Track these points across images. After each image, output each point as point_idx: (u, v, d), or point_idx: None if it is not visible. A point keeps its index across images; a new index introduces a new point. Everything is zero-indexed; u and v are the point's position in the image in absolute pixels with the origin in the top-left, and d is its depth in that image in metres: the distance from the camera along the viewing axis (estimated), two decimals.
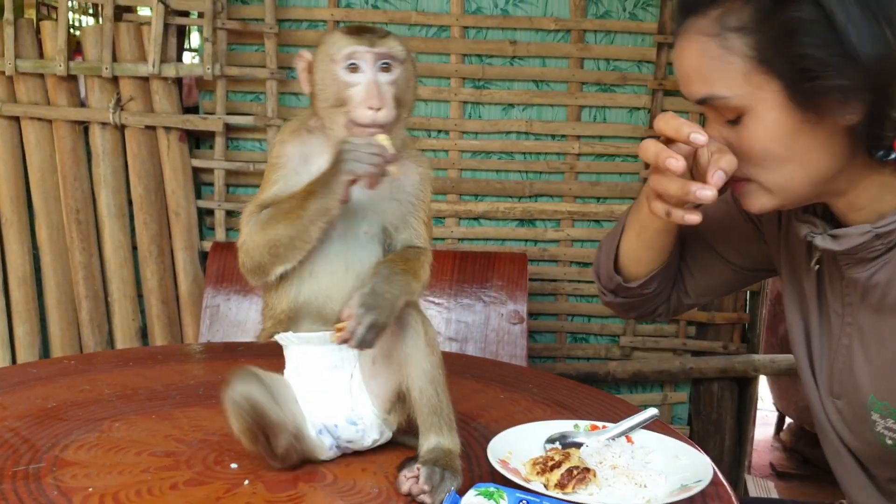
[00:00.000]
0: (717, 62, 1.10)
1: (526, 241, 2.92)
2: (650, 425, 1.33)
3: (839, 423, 1.30)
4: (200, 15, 2.69)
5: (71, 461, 1.25)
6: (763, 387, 3.96)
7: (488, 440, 1.27)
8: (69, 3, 2.62)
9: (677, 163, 1.11)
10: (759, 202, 1.18)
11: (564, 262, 2.93)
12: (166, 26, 2.65)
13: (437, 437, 1.18)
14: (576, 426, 1.33)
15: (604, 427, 1.33)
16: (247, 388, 1.13)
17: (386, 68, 1.15)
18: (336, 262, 1.19)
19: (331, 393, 1.23)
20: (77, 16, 5.56)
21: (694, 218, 1.15)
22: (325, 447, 1.23)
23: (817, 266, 1.26)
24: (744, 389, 3.09)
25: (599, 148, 2.88)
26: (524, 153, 2.87)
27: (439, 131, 2.85)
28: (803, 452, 3.89)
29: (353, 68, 1.15)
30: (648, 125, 2.87)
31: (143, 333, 2.85)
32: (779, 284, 1.46)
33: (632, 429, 1.31)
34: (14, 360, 2.79)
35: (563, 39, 2.83)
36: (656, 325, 3.00)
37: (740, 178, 1.16)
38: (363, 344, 1.09)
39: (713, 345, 3.00)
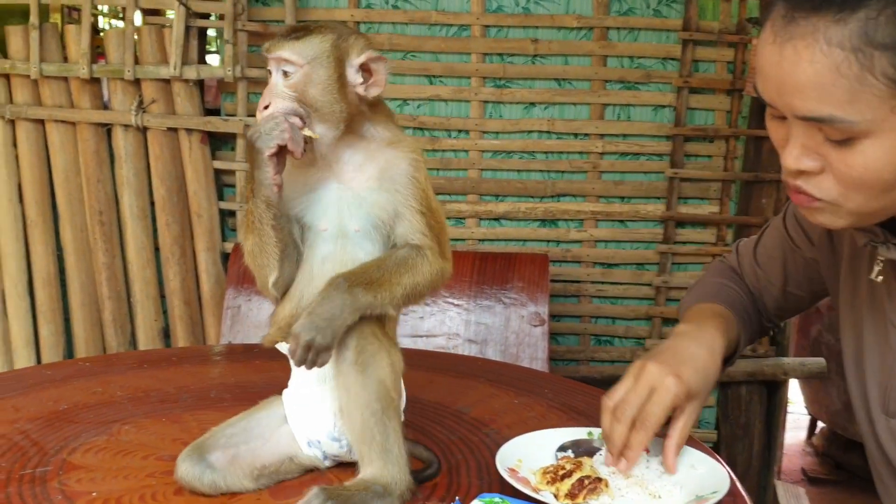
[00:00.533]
0: (852, 82, 0.93)
1: (548, 241, 2.88)
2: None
3: (890, 443, 1.21)
4: (221, 17, 2.69)
5: (78, 465, 1.25)
6: (795, 389, 3.89)
7: (499, 446, 1.24)
8: (97, 8, 2.63)
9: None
10: (829, 220, 1.07)
11: (588, 263, 2.89)
12: (187, 28, 2.65)
13: (366, 468, 1.12)
14: (589, 433, 1.30)
15: None
16: (189, 472, 1.14)
17: (286, 73, 1.13)
18: (329, 265, 1.16)
19: (316, 407, 1.20)
20: (108, 20, 5.63)
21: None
22: (319, 459, 1.22)
23: (879, 277, 1.16)
24: (773, 393, 3.03)
25: (623, 146, 2.84)
26: (546, 152, 2.84)
27: (459, 131, 2.82)
28: (836, 457, 3.81)
29: (269, 72, 1.16)
30: (674, 123, 2.82)
31: (166, 334, 2.86)
32: (830, 300, 1.40)
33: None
34: (39, 361, 2.82)
35: (586, 37, 2.79)
36: None
37: (813, 195, 1.04)
38: (304, 364, 1.06)
39: None
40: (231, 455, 1.17)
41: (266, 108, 1.12)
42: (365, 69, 1.15)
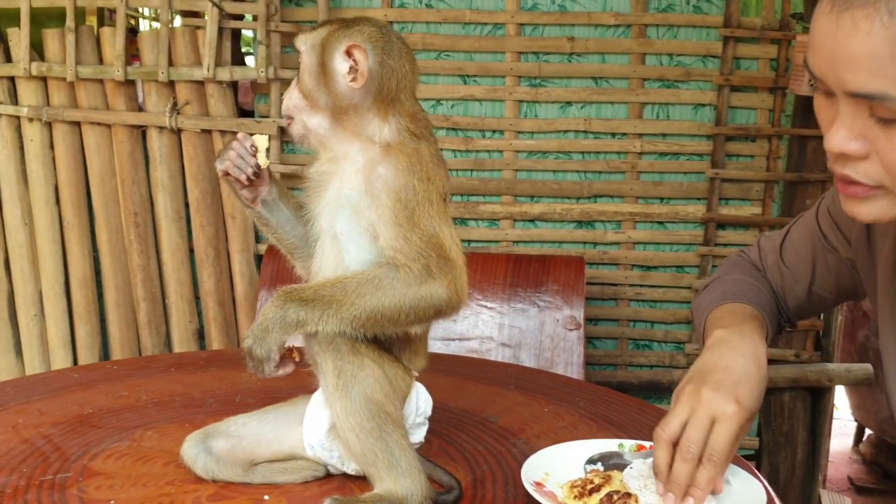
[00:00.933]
0: None
1: (584, 243, 2.83)
2: None
3: None
4: (254, 18, 2.68)
5: (98, 471, 1.23)
6: (840, 394, 3.78)
7: (527, 457, 1.20)
8: (137, 10, 2.64)
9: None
10: (876, 212, 1.00)
11: (625, 266, 2.83)
12: (220, 30, 2.65)
13: (378, 485, 1.09)
14: (620, 446, 1.25)
15: (650, 447, 1.24)
16: (187, 453, 1.17)
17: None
18: (324, 264, 1.16)
19: (318, 411, 1.18)
20: (149, 20, 5.69)
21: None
22: (319, 462, 1.19)
23: None
24: (817, 399, 2.94)
25: (662, 146, 2.78)
26: (582, 152, 2.79)
27: (494, 131, 2.78)
28: (885, 466, 3.70)
29: None
30: (714, 122, 2.75)
31: (200, 335, 2.86)
32: (869, 301, 1.32)
33: None
34: (75, 361, 2.84)
35: (624, 35, 2.73)
36: None
37: (861, 181, 0.98)
38: (251, 369, 1.08)
39: (784, 353, 2.86)
40: (232, 443, 1.18)
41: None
42: (352, 58, 1.11)
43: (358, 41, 1.11)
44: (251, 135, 1.17)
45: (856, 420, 3.96)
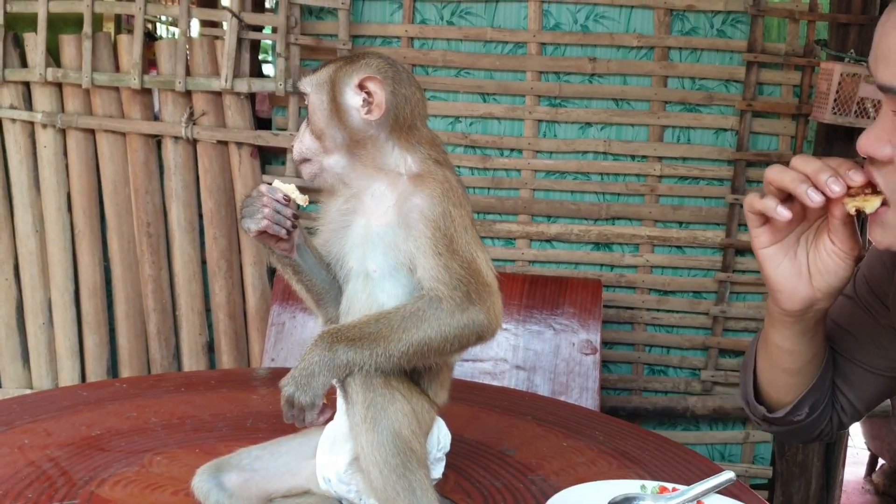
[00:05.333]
0: None
1: (601, 265, 2.79)
2: (726, 489, 1.21)
3: None
4: (274, 30, 2.66)
5: (106, 498, 1.20)
6: (855, 425, 3.73)
7: (546, 496, 1.17)
8: (155, 16, 2.62)
9: (817, 196, 0.96)
10: (890, 237, 0.97)
11: (643, 290, 2.79)
12: (239, 41, 2.63)
13: None
14: (642, 487, 1.21)
15: (674, 490, 1.21)
16: (199, 487, 1.13)
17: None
18: (355, 304, 1.13)
19: (336, 444, 1.15)
20: (167, 25, 5.68)
21: (785, 213, 1.01)
22: (333, 498, 1.16)
23: None
24: None
25: (683, 170, 2.74)
26: (601, 174, 2.75)
27: (512, 150, 2.74)
28: None
29: None
30: (736, 147, 2.71)
31: (210, 348, 2.83)
32: None
33: (704, 493, 1.19)
34: (83, 371, 2.81)
35: (646, 56, 2.70)
36: (740, 360, 2.83)
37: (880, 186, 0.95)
38: (290, 420, 1.02)
39: None
40: (245, 478, 1.15)
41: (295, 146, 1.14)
42: (365, 91, 1.09)
43: (370, 73, 1.09)
44: (269, 183, 1.12)
45: (869, 450, 3.90)
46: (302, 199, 1.11)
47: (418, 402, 1.08)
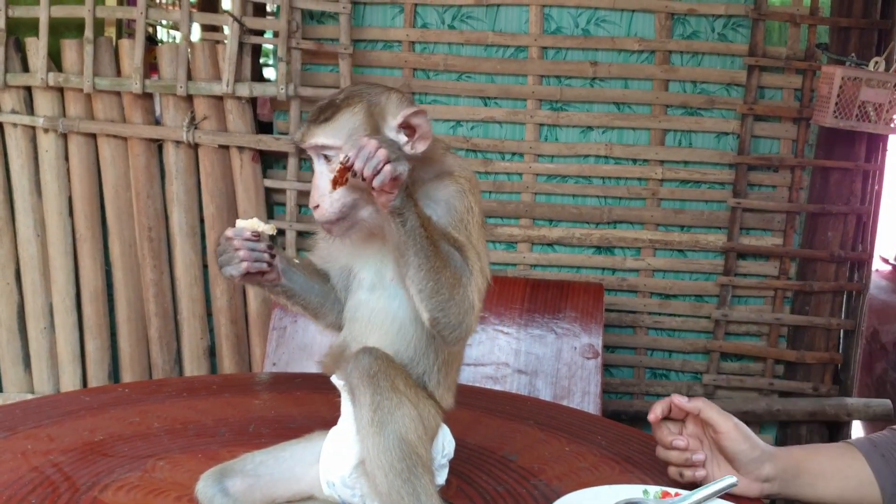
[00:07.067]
0: None
1: (603, 269, 2.79)
2: (728, 494, 1.21)
3: None
4: (275, 34, 2.66)
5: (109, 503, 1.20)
6: (858, 430, 3.72)
7: (548, 501, 1.17)
8: (164, 23, 2.62)
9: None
10: None
11: (644, 293, 2.79)
12: (241, 45, 2.63)
13: None
14: (645, 492, 1.21)
15: (676, 495, 1.20)
16: (203, 493, 1.13)
17: (327, 157, 1.08)
18: (360, 312, 1.13)
19: (340, 448, 1.15)
20: (167, 28, 5.69)
21: (701, 473, 1.25)
22: (341, 499, 1.16)
23: None
24: (835, 434, 2.89)
25: (684, 174, 2.74)
26: (603, 178, 2.75)
27: (513, 154, 2.75)
28: None
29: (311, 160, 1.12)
30: (737, 151, 2.71)
31: (212, 353, 2.83)
32: None
33: (707, 498, 1.18)
34: (84, 375, 2.81)
35: (648, 60, 2.70)
36: (742, 363, 2.83)
37: None
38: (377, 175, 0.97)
39: (802, 385, 2.81)
40: (249, 483, 1.15)
41: (317, 207, 1.08)
42: (406, 126, 1.08)
43: (411, 108, 1.08)
44: (233, 226, 1.12)
45: None
46: (269, 229, 1.11)
47: (425, 407, 1.08)
